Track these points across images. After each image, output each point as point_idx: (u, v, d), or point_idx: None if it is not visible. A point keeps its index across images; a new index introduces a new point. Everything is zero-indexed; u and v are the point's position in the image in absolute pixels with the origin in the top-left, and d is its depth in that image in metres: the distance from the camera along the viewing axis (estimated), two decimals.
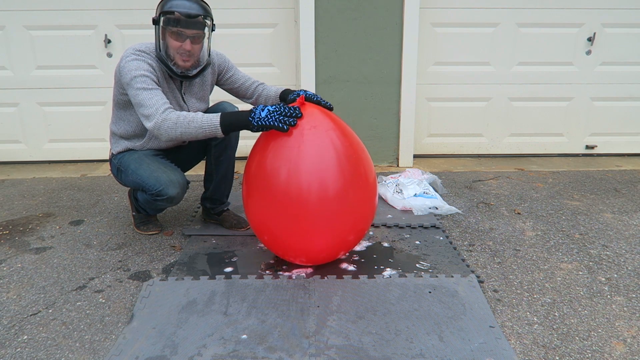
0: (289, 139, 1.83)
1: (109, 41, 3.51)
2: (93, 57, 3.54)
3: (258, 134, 2.20)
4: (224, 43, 3.48)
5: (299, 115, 1.82)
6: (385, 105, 3.54)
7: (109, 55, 3.53)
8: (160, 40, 2.10)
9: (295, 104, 1.89)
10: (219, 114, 1.91)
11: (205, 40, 2.15)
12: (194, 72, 2.17)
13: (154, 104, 1.98)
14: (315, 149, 1.81)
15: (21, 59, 3.52)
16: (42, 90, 3.59)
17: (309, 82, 3.45)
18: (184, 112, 1.94)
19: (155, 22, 2.09)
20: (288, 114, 1.81)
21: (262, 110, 1.84)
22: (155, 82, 2.07)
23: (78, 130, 3.68)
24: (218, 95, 2.66)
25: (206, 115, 1.92)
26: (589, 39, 3.66)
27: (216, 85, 2.43)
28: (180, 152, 2.43)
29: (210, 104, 2.45)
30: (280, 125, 1.80)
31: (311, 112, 1.89)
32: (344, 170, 1.83)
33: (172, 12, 2.02)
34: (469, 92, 3.74)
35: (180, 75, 2.14)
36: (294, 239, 1.90)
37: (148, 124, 1.98)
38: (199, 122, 1.90)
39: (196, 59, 2.15)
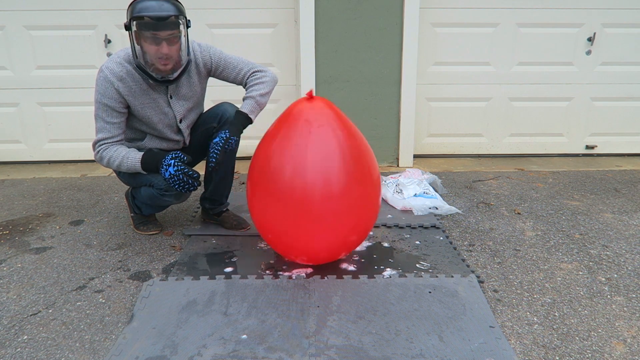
0: (296, 137, 1.82)
1: (109, 41, 3.51)
2: (93, 57, 3.54)
3: (263, 132, 2.21)
4: (224, 43, 3.47)
5: (197, 185, 2.12)
6: (385, 105, 3.54)
7: (109, 55, 3.53)
8: (136, 46, 2.02)
9: (306, 97, 1.91)
10: (139, 157, 2.12)
11: (182, 38, 2.06)
12: (175, 75, 2.11)
13: (99, 137, 2.15)
14: (322, 148, 1.81)
15: (21, 59, 3.52)
16: (42, 90, 3.59)
17: (309, 82, 3.44)
18: (113, 154, 2.13)
19: (127, 27, 2.01)
20: (189, 181, 2.09)
21: (166, 170, 2.08)
22: (117, 111, 2.13)
23: (78, 130, 3.67)
24: (218, 96, 2.65)
25: (130, 158, 2.13)
26: (589, 39, 3.66)
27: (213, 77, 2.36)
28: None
29: (212, 105, 2.44)
30: (181, 190, 2.11)
31: (320, 109, 1.87)
32: (349, 170, 1.83)
33: (142, 17, 1.94)
34: (469, 92, 3.73)
35: (161, 80, 2.09)
36: (297, 238, 1.90)
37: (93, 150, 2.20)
38: (125, 167, 2.15)
39: (176, 60, 2.07)
